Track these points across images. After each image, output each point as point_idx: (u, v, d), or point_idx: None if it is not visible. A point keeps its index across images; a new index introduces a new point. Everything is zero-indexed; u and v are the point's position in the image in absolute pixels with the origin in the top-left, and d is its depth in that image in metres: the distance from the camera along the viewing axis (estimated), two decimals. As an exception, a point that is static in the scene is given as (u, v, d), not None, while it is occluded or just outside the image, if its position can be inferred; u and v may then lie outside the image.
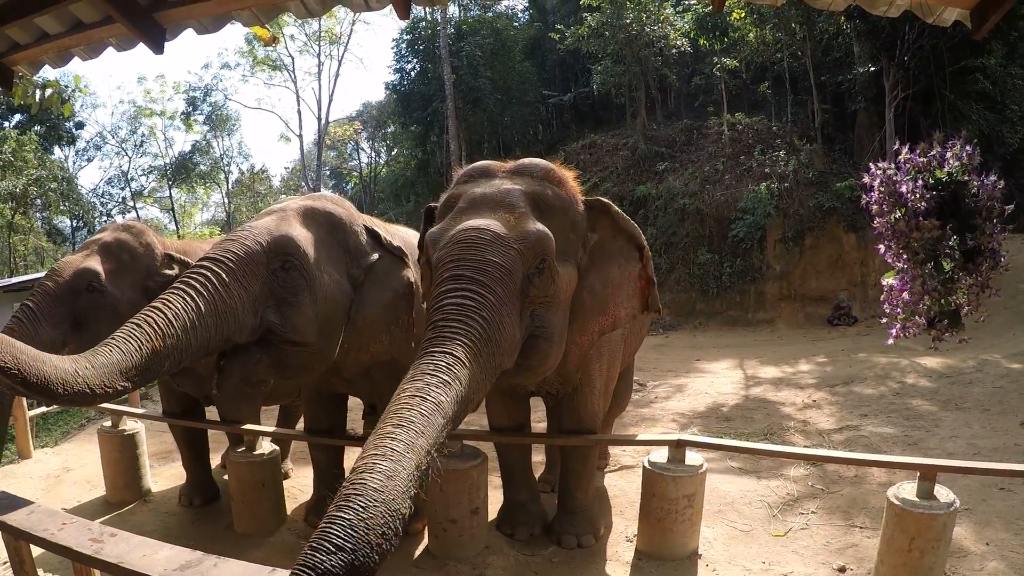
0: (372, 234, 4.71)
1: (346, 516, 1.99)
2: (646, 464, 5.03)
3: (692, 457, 5.00)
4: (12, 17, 3.18)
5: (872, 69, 21.39)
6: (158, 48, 3.32)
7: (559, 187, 4.10)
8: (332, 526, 1.95)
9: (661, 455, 5.04)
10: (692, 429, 8.85)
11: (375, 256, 4.66)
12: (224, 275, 3.79)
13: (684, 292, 20.47)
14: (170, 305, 3.49)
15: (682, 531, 4.95)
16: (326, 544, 1.89)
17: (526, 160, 4.24)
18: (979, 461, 6.18)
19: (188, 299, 3.58)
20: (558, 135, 32.09)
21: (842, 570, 4.80)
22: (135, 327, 3.26)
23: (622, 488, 6.39)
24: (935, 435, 7.84)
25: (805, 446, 7.76)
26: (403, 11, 3.00)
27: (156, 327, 3.32)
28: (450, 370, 2.82)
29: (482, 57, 28.93)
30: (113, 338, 3.17)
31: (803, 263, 19.84)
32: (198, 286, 3.66)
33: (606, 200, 4.43)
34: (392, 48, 31.22)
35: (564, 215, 4.02)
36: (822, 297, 18.95)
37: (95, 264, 5.07)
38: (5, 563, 4.60)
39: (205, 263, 3.82)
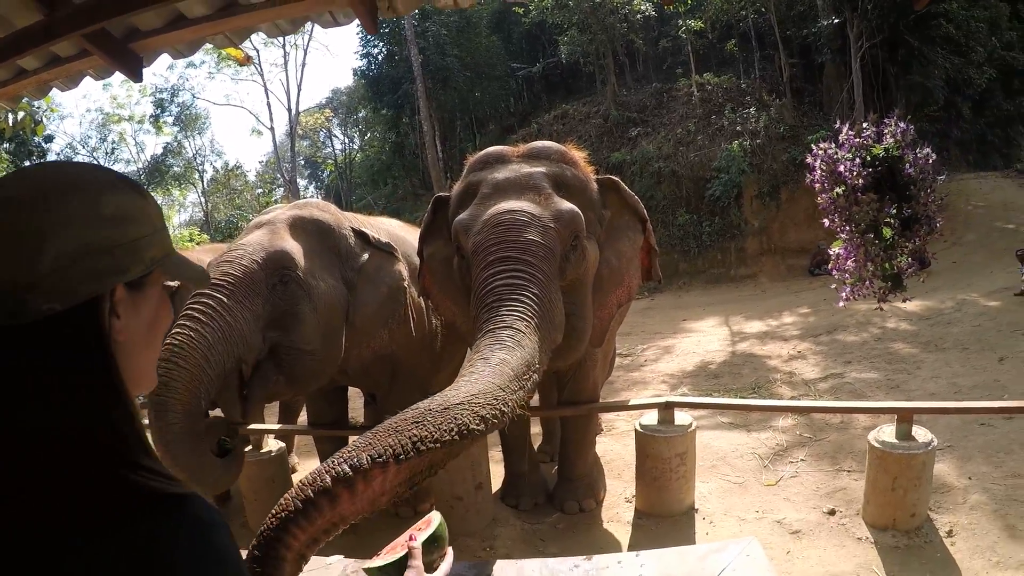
0: (360, 235, 4.80)
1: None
2: (638, 427, 5.21)
3: (681, 417, 5.18)
4: (-7, 62, 3.26)
5: (836, 21, 21.48)
6: (136, 76, 3.40)
7: (575, 168, 4.24)
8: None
9: (652, 418, 5.22)
10: (682, 389, 9.06)
11: (365, 256, 4.75)
12: (226, 299, 3.92)
13: (666, 254, 20.52)
14: (183, 345, 3.68)
15: (677, 488, 5.14)
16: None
17: (539, 143, 4.36)
18: (959, 400, 6.39)
19: (196, 334, 3.74)
20: (529, 107, 32.00)
21: (832, 512, 4.99)
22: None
23: (618, 452, 6.56)
24: (916, 377, 8.04)
25: (792, 397, 8.01)
26: (371, 26, 3.10)
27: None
28: (513, 339, 3.01)
29: (448, 35, 28.75)
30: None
31: (781, 217, 20.02)
32: (203, 317, 3.82)
33: (615, 178, 4.58)
34: (357, 33, 30.91)
35: (583, 194, 4.15)
36: (802, 248, 19.11)
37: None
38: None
39: (205, 291, 3.92)
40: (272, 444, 5.76)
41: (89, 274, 0.87)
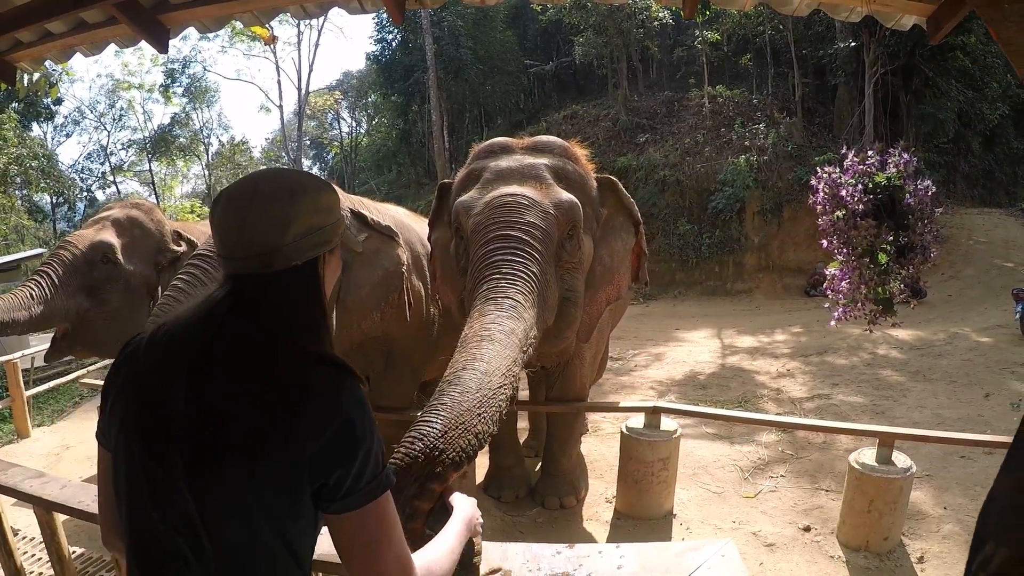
0: (358, 216, 4.78)
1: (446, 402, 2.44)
2: (624, 429, 5.29)
3: (667, 423, 5.26)
4: (22, 23, 3.29)
5: (852, 44, 21.50)
6: (162, 47, 3.41)
7: (576, 163, 4.34)
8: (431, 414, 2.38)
9: (638, 421, 5.30)
10: (669, 396, 9.12)
11: (362, 237, 4.74)
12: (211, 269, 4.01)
13: (664, 262, 20.60)
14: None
15: (658, 492, 5.22)
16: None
17: (543, 137, 4.46)
18: (942, 431, 6.47)
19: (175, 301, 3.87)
20: (540, 105, 31.99)
21: (807, 529, 5.07)
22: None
23: (602, 453, 6.63)
24: (902, 404, 8.11)
25: (777, 413, 8.05)
26: (397, 16, 3.13)
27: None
28: (515, 310, 3.11)
29: (463, 27, 28.79)
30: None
31: (781, 235, 20.04)
32: (187, 288, 3.95)
33: (613, 178, 4.64)
34: (373, 18, 30.85)
35: (582, 189, 4.23)
36: (800, 268, 19.13)
37: (110, 237, 5.22)
38: (25, 538, 4.81)
39: (199, 257, 4.09)
40: None
41: (314, 244, 1.38)
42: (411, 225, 5.57)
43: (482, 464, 5.82)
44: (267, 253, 1.32)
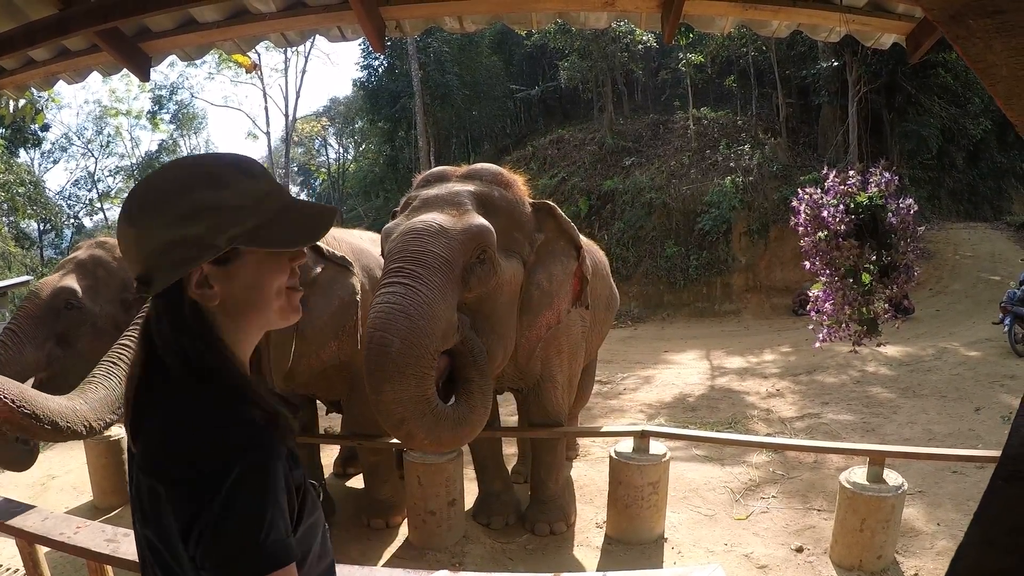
0: (314, 248, 4.84)
1: None
2: (612, 454, 5.26)
3: (656, 446, 5.24)
4: (4, 50, 3.28)
5: (835, 64, 21.64)
6: (144, 75, 3.43)
7: (506, 189, 4.37)
8: None
9: (627, 445, 5.27)
10: (659, 419, 9.08)
11: (318, 269, 4.81)
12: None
13: (652, 284, 20.63)
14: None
15: (648, 516, 5.18)
16: None
17: (478, 165, 4.51)
18: (933, 447, 6.45)
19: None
20: (526, 129, 32.18)
21: (800, 550, 5.03)
22: (112, 364, 3.48)
23: (591, 477, 6.58)
24: (893, 421, 8.11)
25: (767, 434, 8.05)
26: (378, 44, 3.16)
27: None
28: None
29: (449, 53, 28.98)
30: (95, 375, 3.36)
31: (768, 255, 20.08)
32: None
33: (551, 203, 4.68)
34: (359, 44, 31.02)
35: (509, 215, 4.28)
36: (787, 288, 19.11)
37: (72, 282, 5.18)
38: (8, 570, 4.77)
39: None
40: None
41: (173, 263, 1.16)
42: (371, 251, 5.63)
43: (471, 491, 5.76)
44: (138, 278, 1.18)
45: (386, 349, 3.43)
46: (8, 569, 4.73)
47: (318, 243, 4.87)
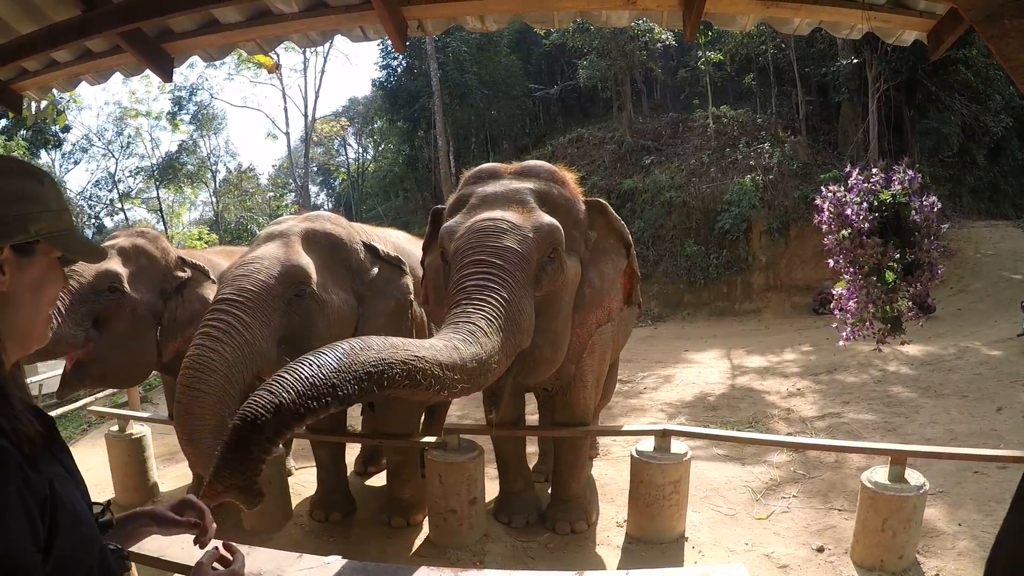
0: (370, 248, 4.85)
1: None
2: (634, 453, 5.25)
3: (677, 445, 5.23)
4: (28, 52, 3.33)
5: (855, 61, 21.54)
6: (167, 76, 3.46)
7: (563, 187, 4.32)
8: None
9: (648, 444, 5.27)
10: (679, 418, 9.06)
11: (375, 270, 4.81)
12: (244, 316, 3.96)
13: (672, 284, 20.63)
14: (205, 367, 3.76)
15: (669, 516, 5.18)
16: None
17: (530, 162, 4.46)
18: (954, 446, 6.41)
19: (217, 355, 3.82)
20: (545, 129, 32.19)
21: (820, 550, 5.02)
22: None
23: (612, 476, 6.59)
24: (914, 421, 8.07)
25: (788, 433, 8.02)
26: (399, 44, 3.18)
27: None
28: (472, 335, 3.08)
29: (468, 52, 29.04)
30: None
31: (788, 253, 20.04)
32: (222, 336, 3.87)
33: (603, 201, 4.64)
34: (378, 45, 31.10)
35: (568, 213, 4.22)
36: (808, 287, 19.09)
37: (117, 266, 5.19)
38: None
39: (223, 306, 3.99)
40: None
41: None
42: (411, 250, 5.60)
43: (492, 489, 5.79)
44: None
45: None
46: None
47: (373, 243, 4.91)
